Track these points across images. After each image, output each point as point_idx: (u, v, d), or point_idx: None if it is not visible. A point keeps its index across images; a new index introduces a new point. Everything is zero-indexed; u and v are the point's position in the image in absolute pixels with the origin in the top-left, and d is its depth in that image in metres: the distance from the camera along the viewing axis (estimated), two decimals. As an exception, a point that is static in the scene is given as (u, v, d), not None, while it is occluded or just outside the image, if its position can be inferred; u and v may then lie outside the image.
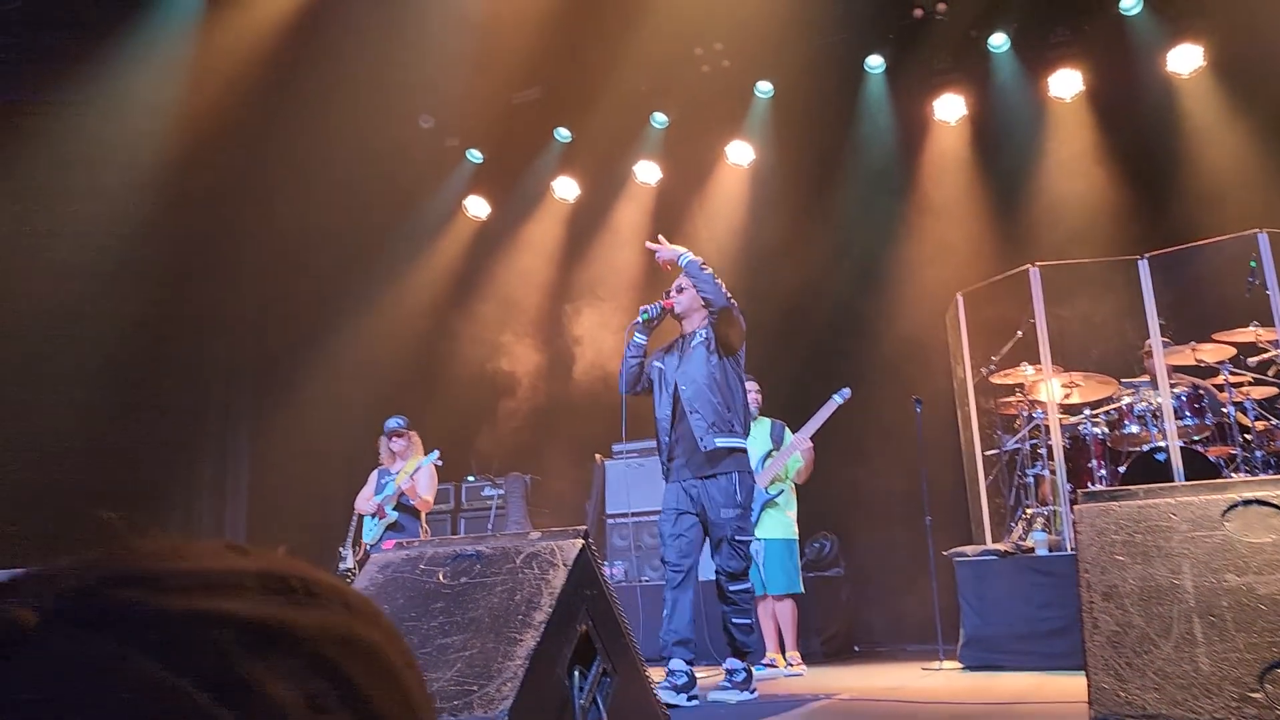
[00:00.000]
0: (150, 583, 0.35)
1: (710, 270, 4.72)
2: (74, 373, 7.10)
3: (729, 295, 4.70)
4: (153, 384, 8.20)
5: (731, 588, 4.67)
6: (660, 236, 4.97)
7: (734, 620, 4.69)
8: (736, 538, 4.62)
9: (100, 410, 7.36)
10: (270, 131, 8.05)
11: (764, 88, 8.75)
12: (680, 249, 4.83)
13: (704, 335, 4.79)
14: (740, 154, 8.95)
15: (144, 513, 8.10)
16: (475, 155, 9.53)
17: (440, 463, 6.81)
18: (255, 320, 9.20)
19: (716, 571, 4.72)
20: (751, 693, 4.74)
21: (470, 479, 8.95)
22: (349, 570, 6.76)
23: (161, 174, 7.39)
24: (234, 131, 7.76)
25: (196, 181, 7.76)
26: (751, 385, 6.43)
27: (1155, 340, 6.13)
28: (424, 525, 6.88)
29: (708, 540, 4.74)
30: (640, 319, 4.86)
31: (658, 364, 4.94)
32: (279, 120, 8.02)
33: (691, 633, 4.59)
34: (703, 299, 4.72)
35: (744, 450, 4.74)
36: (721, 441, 4.61)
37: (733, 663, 4.75)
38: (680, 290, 4.88)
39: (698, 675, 6.04)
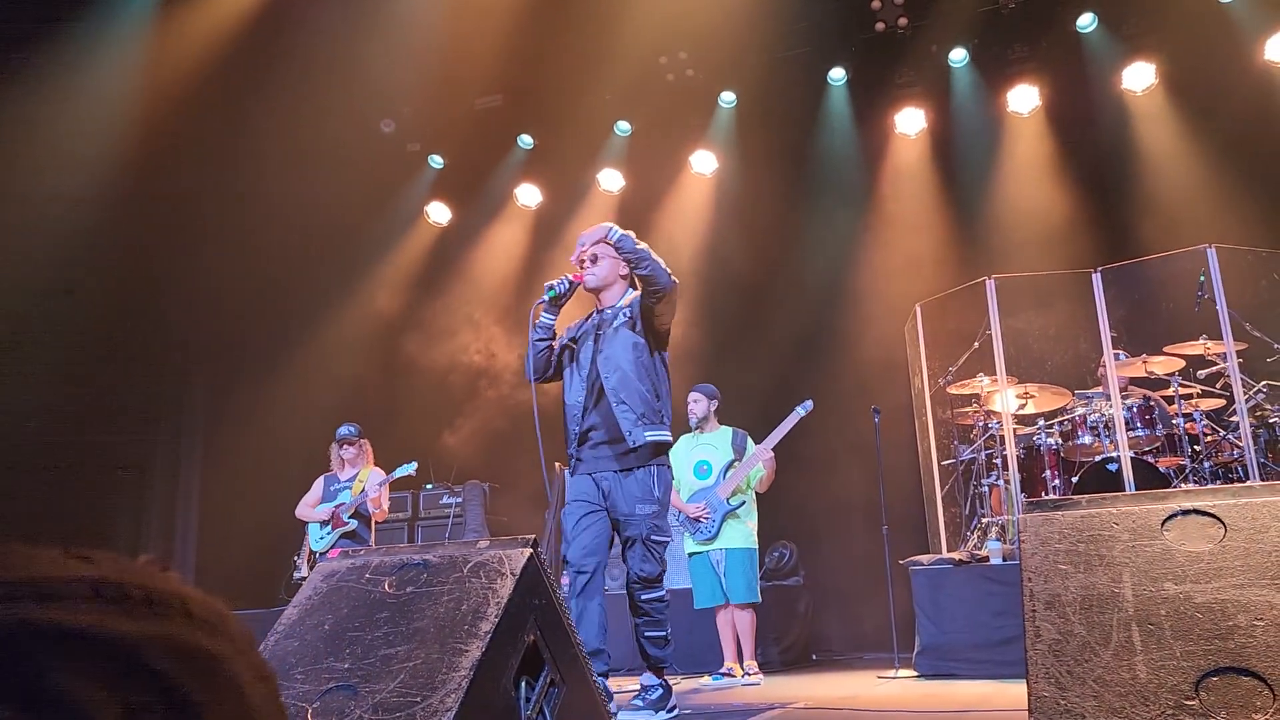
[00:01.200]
0: None
1: (646, 245, 4.11)
2: (21, 381, 6.95)
3: (670, 272, 4.12)
4: (104, 392, 8.06)
5: (644, 595, 4.13)
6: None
7: (647, 633, 4.17)
8: (652, 538, 4.08)
9: (48, 419, 7.22)
10: (228, 135, 7.94)
11: (728, 97, 8.79)
12: (606, 225, 4.22)
13: (628, 314, 4.23)
14: (704, 163, 8.98)
15: (92, 524, 7.97)
16: (437, 161, 9.48)
17: (414, 474, 6.77)
18: (211, 326, 9.07)
19: (628, 578, 4.16)
20: (670, 711, 4.24)
21: (428, 487, 8.88)
22: (304, 579, 6.67)
23: (114, 176, 7.26)
24: (190, 135, 7.65)
25: (150, 186, 7.63)
26: (709, 393, 6.45)
27: (1108, 352, 6.22)
28: (373, 535, 6.84)
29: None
30: (546, 296, 4.21)
31: (570, 342, 4.37)
32: (236, 124, 7.92)
33: (603, 643, 4.06)
34: (642, 279, 4.09)
35: (669, 444, 4.24)
36: (652, 435, 4.09)
37: (648, 678, 4.28)
38: (594, 260, 4.28)
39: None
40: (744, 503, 6.21)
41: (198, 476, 9.11)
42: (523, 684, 2.69)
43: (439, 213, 9.68)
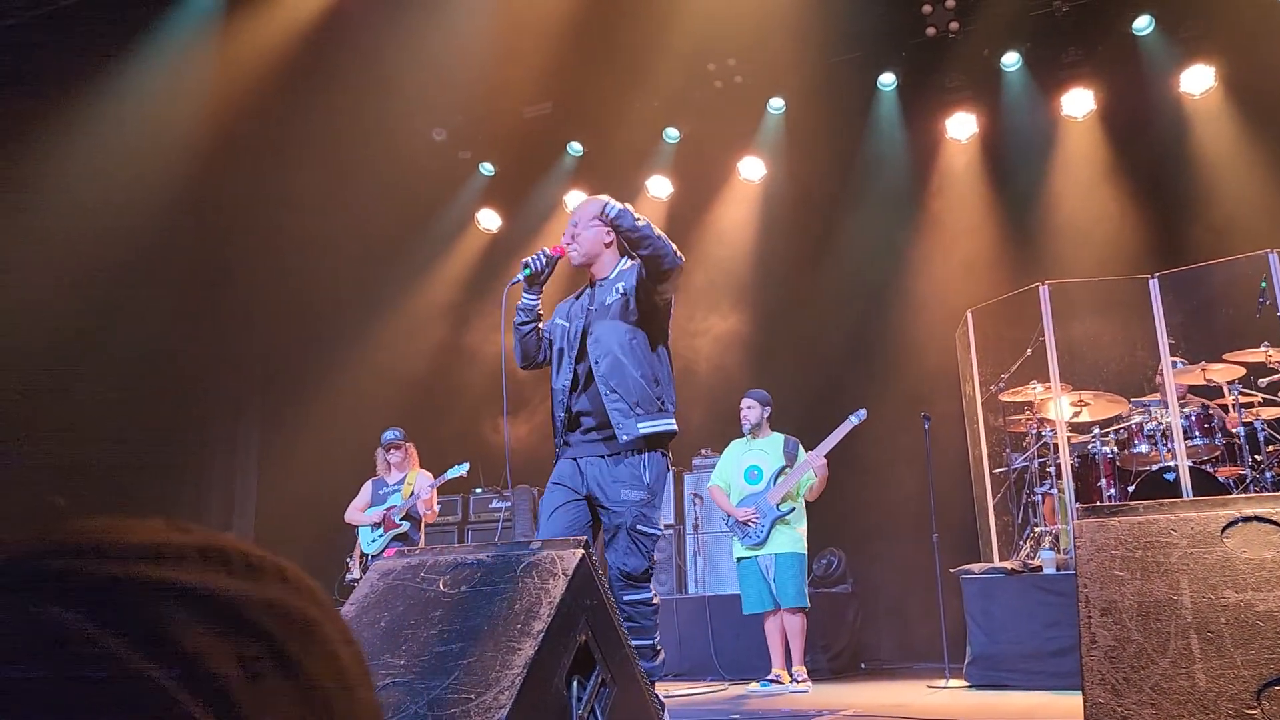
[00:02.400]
0: (90, 552, 0.36)
1: (647, 219, 3.61)
2: (84, 388, 7.13)
3: (676, 249, 3.60)
4: (163, 397, 8.24)
5: (628, 596, 3.54)
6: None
7: (632, 642, 3.33)
8: (639, 527, 3.54)
9: (111, 422, 7.40)
10: (285, 142, 8.11)
11: (776, 104, 8.79)
12: (602, 198, 3.74)
13: (620, 291, 3.73)
14: (752, 169, 8.98)
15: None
16: (488, 168, 9.59)
17: (466, 475, 6.85)
18: (266, 332, 9.25)
19: (609, 575, 3.55)
20: None
21: (478, 491, 8.96)
22: (355, 581, 6.78)
23: (177, 184, 7.46)
24: (249, 142, 7.83)
25: (211, 192, 7.83)
26: (762, 399, 6.45)
27: (1165, 359, 6.11)
28: (423, 537, 6.93)
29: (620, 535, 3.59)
30: (521, 275, 3.79)
31: (560, 321, 3.91)
32: (293, 131, 8.09)
33: None
34: (644, 259, 3.57)
35: (670, 433, 3.70)
36: (647, 427, 3.58)
37: None
38: (574, 231, 3.83)
39: (700, 690, 6.01)
40: (794, 509, 6.20)
41: (254, 480, 9.29)
42: (574, 683, 2.72)
43: (489, 219, 9.78)
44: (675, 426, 3.70)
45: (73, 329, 7.14)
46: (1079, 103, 7.92)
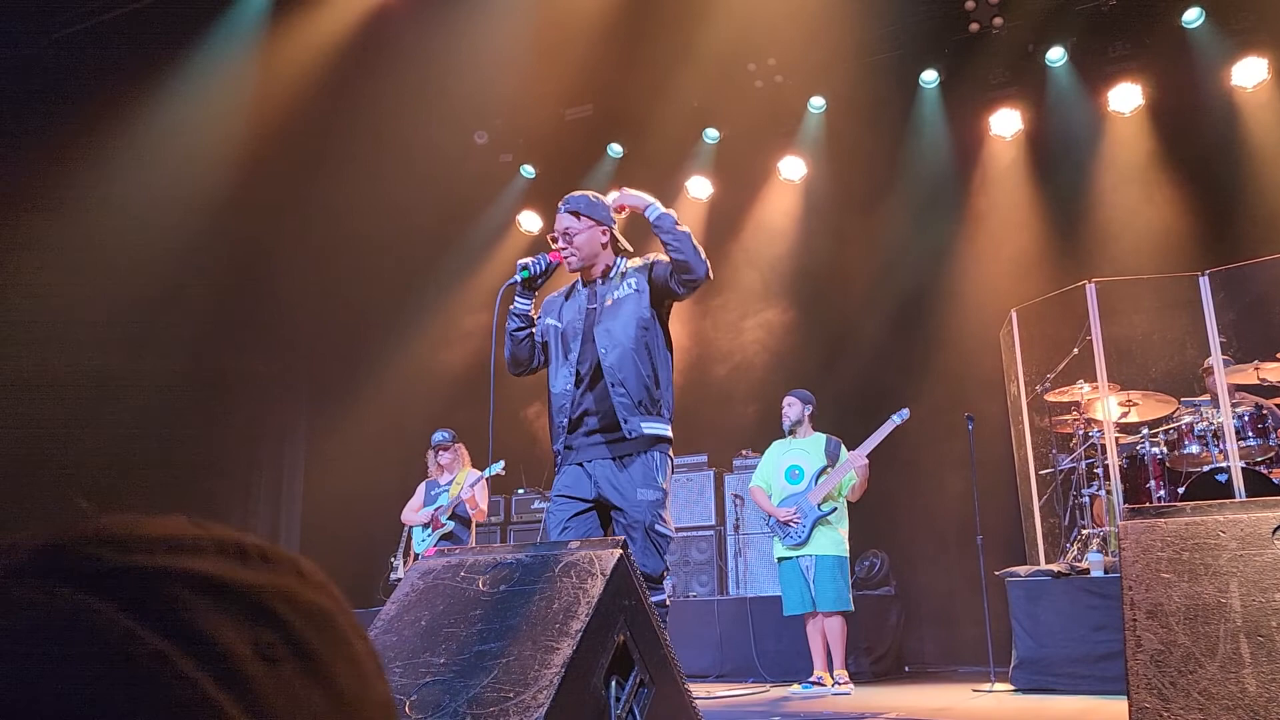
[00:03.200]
0: (113, 543, 0.37)
1: (688, 228, 3.54)
2: (132, 388, 7.28)
3: (707, 261, 3.54)
4: (211, 397, 8.39)
5: None
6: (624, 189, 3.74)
7: None
8: (656, 528, 3.47)
9: (159, 424, 7.55)
10: (327, 146, 8.23)
11: (817, 103, 8.74)
12: (648, 198, 3.61)
13: (634, 285, 3.63)
14: (792, 169, 8.94)
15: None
16: (529, 170, 9.64)
17: (504, 472, 6.89)
18: (311, 332, 9.38)
19: None
20: None
21: (520, 492, 9.01)
22: (400, 580, 6.84)
23: (225, 188, 7.59)
24: (294, 147, 7.94)
25: (257, 196, 7.95)
26: (804, 398, 6.41)
27: (1216, 358, 5.98)
28: (473, 536, 6.96)
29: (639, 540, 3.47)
30: (518, 276, 3.66)
31: (551, 321, 3.77)
32: (336, 135, 8.20)
33: None
34: (675, 264, 3.49)
35: (669, 439, 3.62)
36: (650, 428, 3.51)
37: None
38: (569, 236, 3.66)
39: (741, 692, 6.00)
40: (835, 509, 6.16)
41: (300, 481, 9.42)
42: (613, 683, 2.72)
43: (530, 221, 9.83)
44: (670, 433, 3.60)
45: (123, 331, 7.30)
46: (1126, 98, 7.79)
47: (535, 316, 3.80)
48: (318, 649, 0.39)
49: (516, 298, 3.74)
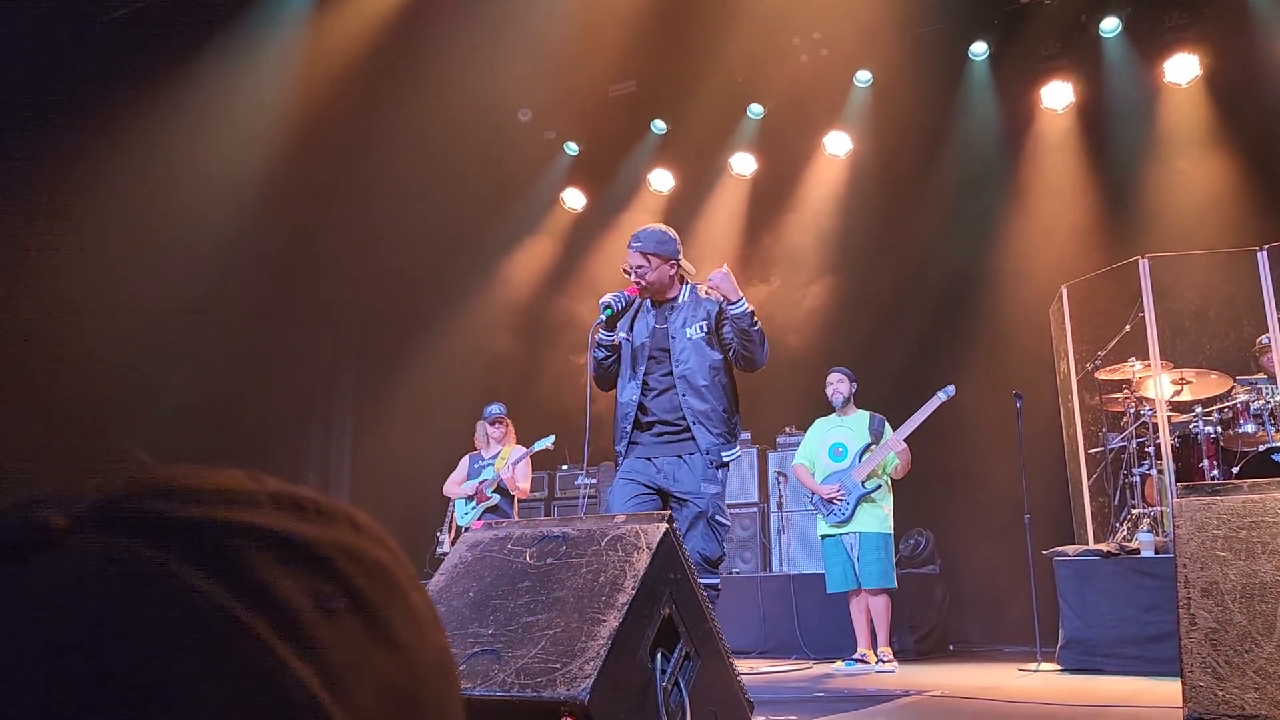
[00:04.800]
0: (175, 495, 0.38)
1: (760, 327, 3.96)
2: (187, 361, 7.42)
3: (767, 355, 4.02)
4: (263, 370, 8.53)
5: (703, 580, 3.67)
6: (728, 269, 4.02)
7: None
8: (717, 517, 3.87)
9: (214, 392, 7.69)
10: (373, 126, 8.29)
11: (863, 77, 8.62)
12: (738, 293, 3.92)
13: (704, 326, 4.01)
14: (838, 145, 8.84)
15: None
16: (572, 148, 9.64)
17: (552, 448, 6.95)
18: (360, 308, 9.49)
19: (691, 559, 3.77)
20: None
21: (564, 468, 9.07)
22: (446, 554, 6.93)
23: (273, 169, 7.68)
24: (338, 125, 8.01)
25: (305, 176, 8.04)
26: (849, 375, 6.39)
27: (1274, 335, 5.85)
28: (515, 511, 7.04)
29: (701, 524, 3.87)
30: (603, 316, 4.07)
31: (623, 335, 4.15)
32: (381, 115, 8.26)
33: None
34: (739, 351, 3.95)
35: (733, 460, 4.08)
36: (727, 455, 3.96)
37: None
38: (642, 273, 4.02)
39: (785, 668, 6.01)
40: (879, 486, 6.13)
41: (347, 456, 9.56)
42: (658, 656, 2.74)
43: (574, 199, 9.84)
44: (739, 454, 4.14)
45: (175, 313, 7.42)
46: (1183, 69, 7.59)
47: (617, 344, 4.17)
48: (376, 601, 0.40)
49: (601, 330, 4.12)
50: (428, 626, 0.43)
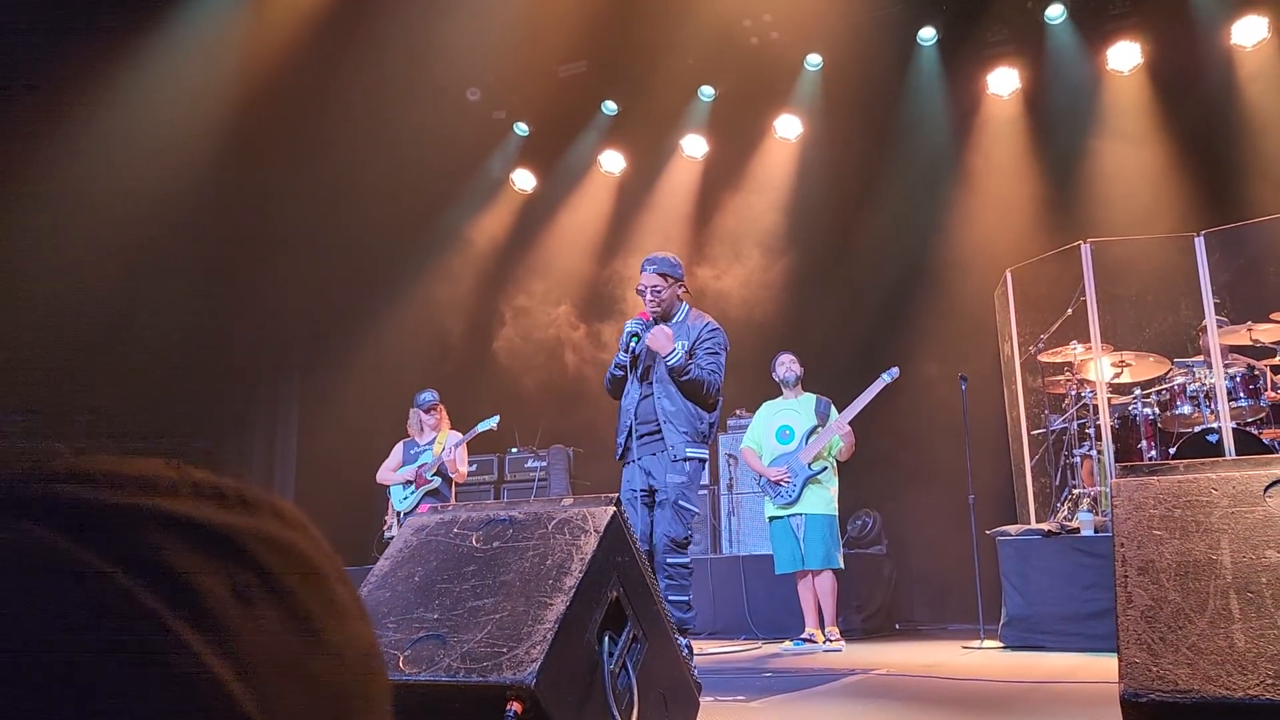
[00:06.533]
0: (86, 479, 0.36)
1: (693, 374, 4.46)
2: (121, 345, 7.24)
3: (711, 393, 4.51)
4: (205, 358, 8.35)
5: (671, 559, 4.41)
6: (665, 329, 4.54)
7: (671, 597, 4.31)
8: (681, 503, 4.40)
9: (156, 382, 7.51)
10: (318, 105, 8.12)
11: (813, 60, 8.65)
12: (669, 346, 4.46)
13: (685, 344, 4.52)
14: (788, 127, 8.87)
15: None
16: (522, 128, 9.55)
17: (496, 428, 6.92)
18: (304, 292, 9.32)
19: (655, 542, 4.47)
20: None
21: (514, 451, 9.03)
22: (394, 538, 6.87)
23: (215, 145, 7.49)
24: (282, 106, 7.83)
25: (248, 153, 7.85)
26: (788, 356, 6.44)
27: (1210, 319, 5.98)
28: (454, 495, 7.02)
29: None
30: (634, 345, 4.57)
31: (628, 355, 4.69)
32: (327, 94, 8.09)
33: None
34: (682, 387, 4.50)
35: (705, 459, 4.63)
36: (693, 451, 4.48)
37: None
38: (658, 293, 4.60)
39: (733, 649, 6.05)
40: (825, 468, 6.18)
41: (293, 440, 9.42)
42: (606, 639, 2.73)
43: (524, 179, 9.76)
44: (708, 454, 4.68)
45: (116, 293, 7.24)
46: (1125, 56, 7.72)
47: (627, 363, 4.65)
48: (297, 591, 0.39)
49: (621, 351, 4.60)
50: (351, 616, 0.42)
